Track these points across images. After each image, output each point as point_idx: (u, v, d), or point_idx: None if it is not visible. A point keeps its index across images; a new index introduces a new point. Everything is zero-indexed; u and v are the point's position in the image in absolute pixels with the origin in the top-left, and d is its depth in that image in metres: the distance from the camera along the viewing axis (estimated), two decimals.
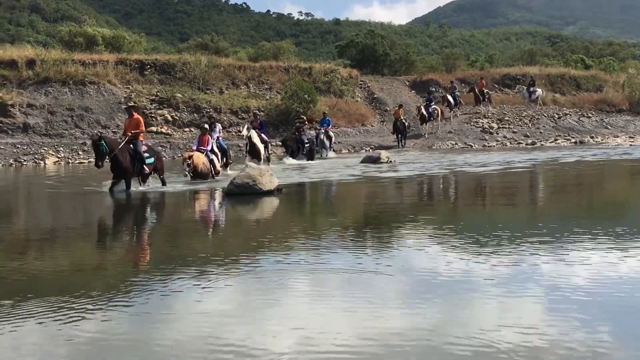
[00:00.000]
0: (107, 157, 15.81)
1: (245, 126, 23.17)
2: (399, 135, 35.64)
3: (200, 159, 18.15)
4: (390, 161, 24.46)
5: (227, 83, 39.95)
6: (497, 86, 46.66)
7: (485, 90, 42.89)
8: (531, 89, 43.62)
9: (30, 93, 33.50)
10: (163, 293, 6.24)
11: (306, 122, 28.98)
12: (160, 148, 32.26)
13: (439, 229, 9.91)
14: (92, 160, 30.23)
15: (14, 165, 29.10)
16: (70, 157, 30.84)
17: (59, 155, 30.66)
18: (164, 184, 17.25)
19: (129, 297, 6.08)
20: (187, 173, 17.72)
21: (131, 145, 16.26)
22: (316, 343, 4.72)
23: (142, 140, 16.76)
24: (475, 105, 42.68)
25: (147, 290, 6.33)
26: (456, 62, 54.35)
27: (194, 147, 19.08)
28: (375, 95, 43.88)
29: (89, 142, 32.16)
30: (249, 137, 22.79)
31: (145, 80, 37.50)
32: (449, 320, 5.21)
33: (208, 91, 38.65)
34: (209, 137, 19.40)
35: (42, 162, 29.55)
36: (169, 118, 35.48)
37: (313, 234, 9.67)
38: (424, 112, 37.53)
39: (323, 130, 30.73)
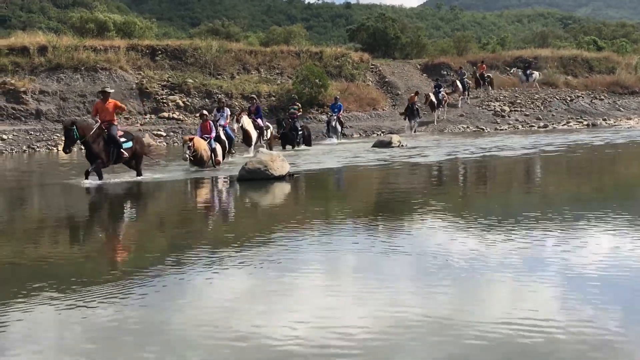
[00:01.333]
0: (76, 143, 15.32)
1: (234, 119, 22.44)
2: (412, 121, 35.12)
3: (202, 144, 17.56)
4: (402, 145, 24.42)
5: (238, 68, 39.90)
6: (508, 69, 46.36)
7: (486, 74, 42.64)
8: (527, 71, 43.42)
9: (43, 80, 33.60)
10: (176, 280, 6.30)
11: (301, 110, 28.33)
12: (172, 134, 32.34)
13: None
14: None
15: (27, 151, 29.26)
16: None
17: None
18: (139, 174, 16.10)
19: (142, 284, 6.14)
20: (187, 156, 17.09)
21: (105, 130, 15.33)
22: (330, 328, 4.76)
23: (116, 125, 15.82)
24: (475, 88, 42.46)
25: (160, 277, 6.38)
26: (468, 45, 54.02)
27: (197, 135, 18.40)
28: (387, 79, 43.72)
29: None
30: (241, 126, 22.29)
31: (156, 65, 37.51)
32: (465, 305, 5.24)
33: (219, 76, 38.63)
34: (211, 123, 18.88)
35: (54, 148, 29.69)
36: (181, 104, 35.50)
37: (328, 218, 9.70)
38: (433, 99, 36.96)
39: (335, 117, 30.22)
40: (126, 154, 15.53)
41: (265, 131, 24.08)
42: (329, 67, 41.23)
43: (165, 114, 34.85)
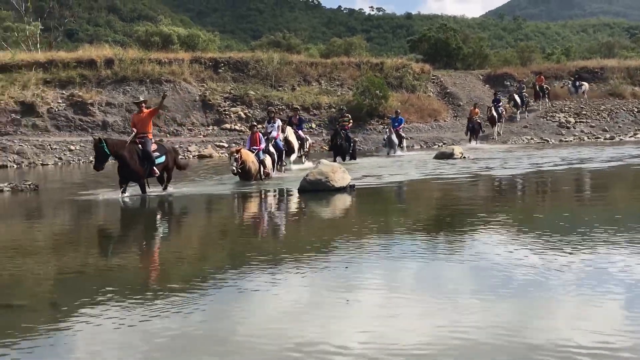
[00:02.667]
0: (107, 160, 14.69)
1: (281, 128, 21.57)
2: (473, 135, 34.17)
3: (249, 157, 17.11)
4: (464, 157, 24.13)
5: (299, 80, 40.15)
6: (564, 80, 45.45)
7: (545, 86, 41.81)
8: (577, 83, 42.42)
9: (109, 92, 34.40)
10: (238, 289, 6.32)
11: (351, 121, 27.73)
12: (234, 145, 32.67)
13: None
14: None
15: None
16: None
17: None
18: (165, 188, 15.69)
19: (205, 293, 6.18)
20: (234, 169, 16.67)
21: (139, 146, 14.95)
22: (388, 341, 4.69)
23: (151, 139, 15.39)
24: (535, 101, 41.67)
25: (222, 286, 6.41)
26: (531, 56, 53.24)
27: (246, 147, 18.09)
28: (448, 90, 43.38)
29: (165, 140, 32.90)
30: (285, 137, 21.81)
31: (219, 78, 38.03)
32: (525, 318, 5.11)
33: (280, 88, 38.92)
34: (260, 135, 18.45)
35: None
36: (242, 115, 35.89)
37: (389, 230, 9.63)
38: (494, 114, 36.08)
39: (389, 130, 29.44)
40: (157, 172, 15.18)
41: (304, 143, 23.81)
42: (390, 78, 41.15)
43: (228, 126, 35.27)
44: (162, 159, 15.35)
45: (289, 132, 22.00)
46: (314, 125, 36.69)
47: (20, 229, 11.40)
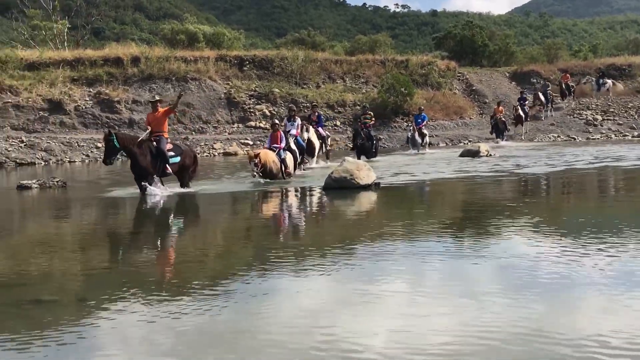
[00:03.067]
0: (118, 154, 14.73)
1: (304, 129, 21.28)
2: (499, 135, 33.63)
3: (269, 157, 16.76)
4: (490, 155, 23.98)
5: (324, 77, 40.16)
6: (596, 77, 44.93)
7: (570, 84, 41.28)
8: (600, 80, 41.78)
9: (135, 89, 34.66)
10: (262, 286, 6.34)
11: (374, 119, 27.32)
12: (258, 142, 32.73)
13: None
14: None
15: (120, 159, 30.17)
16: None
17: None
18: (182, 185, 15.46)
19: (229, 290, 6.20)
20: (255, 174, 16.38)
21: (154, 143, 14.79)
22: (413, 340, 4.68)
23: (167, 138, 15.24)
24: (561, 99, 41.20)
25: (246, 283, 6.44)
26: (558, 53, 52.74)
27: (266, 145, 17.88)
28: (474, 87, 43.16)
29: (191, 137, 33.10)
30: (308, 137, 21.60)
31: (244, 75, 38.16)
32: (553, 318, 5.07)
33: (305, 86, 38.97)
34: (282, 133, 18.10)
35: None
36: (267, 113, 35.98)
37: (415, 227, 9.60)
38: (521, 113, 35.47)
39: (412, 128, 29.06)
40: (170, 170, 14.93)
41: (325, 141, 23.51)
42: (415, 75, 41.02)
43: (252, 123, 35.39)
44: (177, 159, 15.12)
45: (312, 134, 21.71)
46: (338, 123, 36.68)
47: (48, 225, 11.53)
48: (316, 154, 22.25)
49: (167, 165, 14.76)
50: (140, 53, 36.83)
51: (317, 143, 22.12)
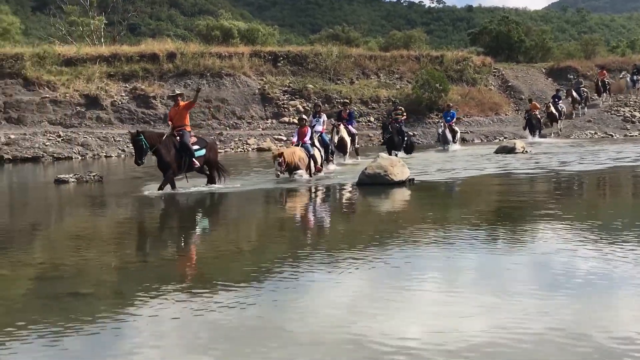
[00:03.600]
0: (147, 153, 14.25)
1: (334, 131, 21.18)
2: (534, 131, 32.64)
3: (295, 155, 16.22)
4: (526, 151, 23.72)
5: (358, 73, 40.05)
6: (632, 73, 44.11)
7: (607, 80, 40.40)
8: (635, 77, 40.78)
9: (171, 85, 34.88)
10: (296, 281, 6.35)
11: (405, 114, 26.55)
12: (292, 138, 32.72)
13: None
14: (228, 150, 31.30)
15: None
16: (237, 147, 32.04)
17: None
18: (211, 181, 15.36)
19: (263, 285, 6.22)
20: (278, 173, 15.91)
21: (177, 138, 14.60)
22: (445, 338, 4.65)
23: (190, 132, 15.03)
24: (597, 96, 40.43)
25: (280, 278, 6.45)
26: (595, 49, 52.01)
27: (294, 140, 17.51)
28: (510, 83, 42.71)
29: (225, 133, 33.27)
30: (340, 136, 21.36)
31: (278, 71, 38.20)
32: (588, 316, 5.00)
33: (339, 81, 38.90)
34: (309, 128, 17.73)
35: None
36: (301, 108, 35.97)
37: (449, 224, 9.54)
38: (554, 111, 34.53)
39: (443, 124, 28.34)
40: (197, 163, 14.74)
41: (354, 138, 23.10)
42: (450, 71, 40.68)
43: (286, 119, 35.43)
44: (203, 152, 14.93)
45: (342, 130, 21.51)
46: (372, 119, 36.57)
47: (85, 219, 11.67)
48: (348, 151, 22.09)
49: (193, 159, 14.57)
50: (175, 49, 37.07)
51: (348, 140, 21.90)
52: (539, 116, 33.10)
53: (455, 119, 29.92)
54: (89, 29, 46.25)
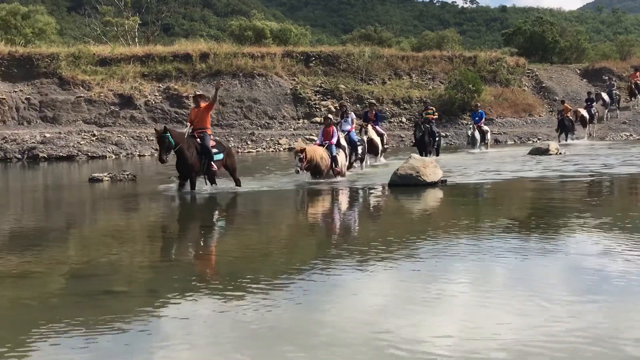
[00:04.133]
0: (171, 151, 14.00)
1: (362, 131, 20.60)
2: (566, 133, 32.05)
3: (317, 153, 15.81)
4: (560, 153, 23.46)
5: (390, 73, 39.94)
6: None
7: None
8: None
9: (203, 85, 35.09)
10: (326, 282, 6.34)
11: (436, 114, 26.26)
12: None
13: None
14: (260, 150, 31.42)
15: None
16: (239, 146, 32.08)
17: (229, 145, 31.94)
18: (237, 184, 15.08)
19: (294, 285, 6.23)
20: (298, 169, 15.42)
21: (198, 140, 14.37)
22: (475, 339, 4.61)
23: (210, 135, 14.76)
24: (630, 98, 39.65)
25: (310, 279, 6.45)
26: (631, 49, 51.23)
27: (317, 142, 16.96)
28: (544, 85, 42.30)
29: (256, 133, 33.38)
30: (369, 137, 20.81)
31: (310, 71, 38.25)
32: (622, 322, 4.92)
33: (371, 82, 38.85)
34: (334, 128, 17.20)
35: None
36: (333, 109, 35.93)
37: (480, 226, 9.47)
38: (585, 114, 33.77)
39: (472, 125, 27.87)
40: (215, 167, 14.52)
41: (382, 139, 22.40)
42: (483, 71, 40.41)
43: (318, 119, 35.42)
44: (220, 156, 14.70)
45: (371, 131, 21.07)
46: (404, 120, 36.46)
47: (118, 217, 11.78)
48: (380, 151, 21.75)
49: (212, 162, 14.33)
50: (208, 49, 37.32)
51: (378, 141, 21.46)
52: (571, 117, 32.58)
53: (484, 119, 29.48)
54: (123, 29, 46.79)
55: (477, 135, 27.75)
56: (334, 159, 16.48)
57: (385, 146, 23.02)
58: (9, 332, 5.03)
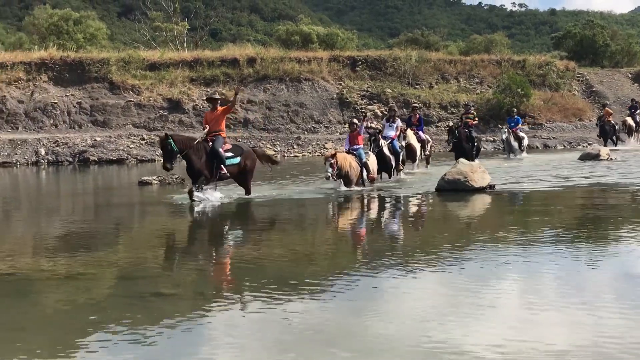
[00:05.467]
0: (177, 157, 13.68)
1: (401, 135, 19.30)
2: (607, 139, 30.62)
3: (347, 160, 15.05)
4: (611, 159, 22.99)
5: (437, 77, 39.69)
6: None
7: None
8: None
9: (250, 90, 35.36)
10: (373, 286, 6.33)
11: (476, 119, 24.97)
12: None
13: None
14: (305, 154, 31.52)
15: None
16: (285, 150, 32.22)
17: (275, 149, 32.10)
18: (247, 192, 14.28)
19: (340, 290, 6.22)
20: (329, 175, 14.70)
21: (210, 143, 13.68)
22: (525, 348, 4.54)
23: (224, 137, 14.00)
24: None
25: (357, 284, 6.43)
26: None
27: (345, 149, 16.05)
28: (594, 89, 41.59)
29: (302, 137, 33.49)
30: (407, 142, 19.68)
31: (356, 76, 38.22)
32: None
33: (417, 86, 38.66)
34: (360, 134, 16.32)
35: None
36: (379, 113, 35.87)
37: (528, 233, 9.33)
38: (631, 123, 32.23)
39: (507, 130, 26.46)
40: (225, 172, 13.69)
41: (425, 145, 21.29)
42: (532, 75, 39.89)
43: (364, 124, 35.36)
44: (236, 160, 13.89)
45: (410, 136, 20.02)
46: (451, 124, 36.16)
47: (166, 220, 11.92)
48: (417, 158, 20.53)
49: (222, 166, 13.58)
50: (255, 54, 37.58)
51: (417, 146, 20.34)
52: (612, 122, 31.23)
53: (520, 124, 28.25)
54: (172, 34, 47.39)
55: (512, 140, 26.57)
56: (364, 166, 15.67)
57: (427, 153, 21.85)
58: (60, 332, 5.12)
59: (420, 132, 21.21)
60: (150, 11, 50.82)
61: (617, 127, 31.70)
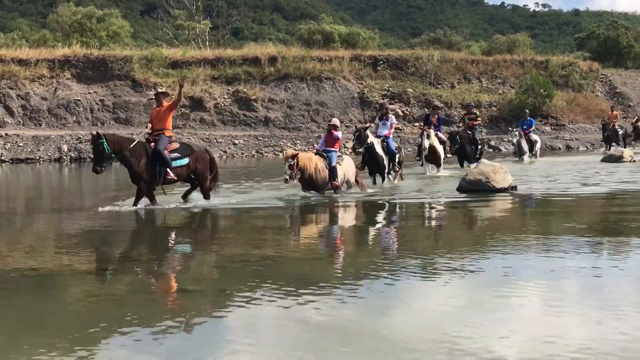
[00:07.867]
0: (110, 160, 12.34)
1: (424, 135, 18.50)
2: (609, 143, 29.88)
3: (312, 162, 13.45)
4: (634, 161, 22.76)
5: (459, 77, 39.58)
6: None
7: None
8: None
9: (272, 88, 35.47)
10: (390, 286, 6.31)
11: (479, 119, 24.14)
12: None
13: None
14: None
15: (255, 156, 30.99)
16: (306, 149, 32.23)
17: (296, 148, 32.10)
18: (205, 197, 12.92)
19: (357, 289, 6.20)
20: (287, 177, 13.15)
21: (152, 144, 12.28)
22: (547, 349, 4.49)
23: (170, 137, 12.42)
24: None
25: (374, 283, 6.42)
26: None
27: (317, 148, 14.64)
28: (618, 90, 41.30)
29: (323, 136, 33.47)
30: (431, 144, 18.65)
31: (377, 75, 38.21)
32: None
33: (439, 86, 38.55)
34: (338, 135, 14.67)
35: (280, 154, 31.13)
36: (400, 113, 35.85)
37: (550, 235, 9.26)
38: None
39: (518, 133, 25.52)
40: (172, 175, 12.25)
41: (444, 146, 20.09)
42: (555, 76, 39.69)
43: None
44: (184, 161, 12.45)
45: (434, 139, 18.95)
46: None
47: (187, 217, 11.96)
48: (442, 160, 19.51)
49: (168, 169, 12.14)
50: (277, 53, 37.68)
51: (440, 149, 19.28)
52: (616, 127, 30.52)
53: (533, 127, 27.41)
54: (194, 32, 47.61)
55: (524, 143, 25.64)
56: (332, 170, 13.90)
57: (448, 155, 20.90)
58: (80, 328, 5.15)
59: (439, 133, 20.20)
60: (173, 9, 51.11)
61: (622, 131, 30.79)
